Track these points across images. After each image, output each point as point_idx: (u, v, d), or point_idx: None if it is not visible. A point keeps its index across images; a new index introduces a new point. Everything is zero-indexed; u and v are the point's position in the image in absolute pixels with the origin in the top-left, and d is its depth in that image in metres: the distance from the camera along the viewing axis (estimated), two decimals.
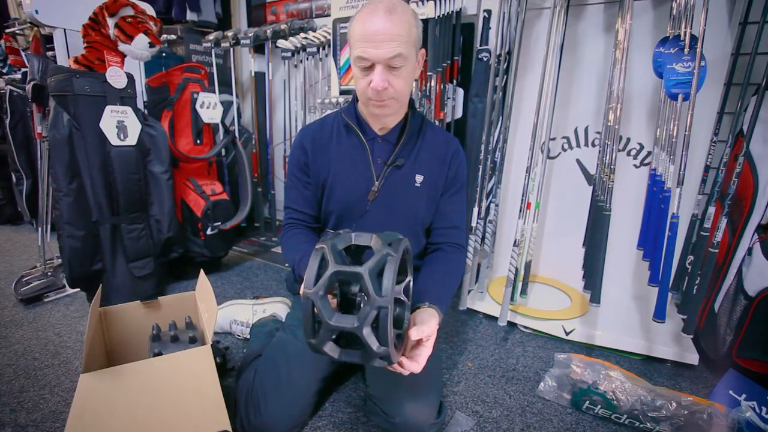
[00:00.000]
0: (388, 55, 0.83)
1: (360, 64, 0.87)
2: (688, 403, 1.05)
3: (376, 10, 0.83)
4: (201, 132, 2.00)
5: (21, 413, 1.09)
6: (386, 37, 0.82)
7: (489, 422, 1.11)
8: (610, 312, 1.54)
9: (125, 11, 1.53)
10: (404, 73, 0.87)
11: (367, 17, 0.84)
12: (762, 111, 1.23)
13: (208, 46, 2.34)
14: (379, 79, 0.84)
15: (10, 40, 2.33)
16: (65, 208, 1.48)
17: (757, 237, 1.27)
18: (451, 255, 1.02)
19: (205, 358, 0.93)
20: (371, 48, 0.83)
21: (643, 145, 1.57)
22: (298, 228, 1.07)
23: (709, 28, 1.19)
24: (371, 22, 0.83)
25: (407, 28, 0.84)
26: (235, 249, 2.38)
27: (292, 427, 1.02)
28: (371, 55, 0.83)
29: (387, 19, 0.82)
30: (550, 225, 1.82)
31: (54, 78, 1.45)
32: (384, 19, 0.82)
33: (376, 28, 0.82)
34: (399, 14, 0.83)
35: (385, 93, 0.87)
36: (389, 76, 0.86)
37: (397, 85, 0.87)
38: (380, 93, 0.87)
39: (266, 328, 1.35)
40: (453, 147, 1.04)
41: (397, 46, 0.83)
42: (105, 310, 1.15)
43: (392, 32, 0.82)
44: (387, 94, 0.88)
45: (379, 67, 0.84)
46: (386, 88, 0.86)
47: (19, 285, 1.76)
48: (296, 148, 1.05)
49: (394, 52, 0.83)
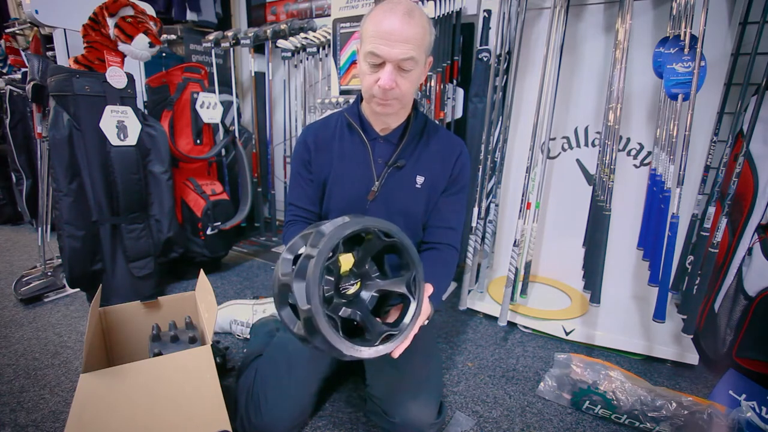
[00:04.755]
0: (400, 56, 0.83)
1: (370, 60, 0.86)
2: (688, 403, 1.05)
3: (395, 10, 0.83)
4: (201, 132, 2.00)
5: (21, 413, 1.09)
6: (401, 38, 0.82)
7: (489, 422, 1.11)
8: (610, 312, 1.55)
9: (125, 11, 1.53)
10: (412, 76, 0.88)
11: (385, 15, 0.84)
12: (762, 111, 1.23)
13: (208, 46, 2.34)
14: (388, 78, 0.84)
15: (10, 40, 2.33)
16: (65, 208, 1.48)
17: (757, 237, 1.27)
18: (445, 254, 1.02)
19: (205, 358, 0.93)
20: (385, 46, 0.83)
21: (643, 145, 1.57)
22: (301, 224, 1.06)
23: (709, 28, 1.19)
24: (389, 20, 0.83)
25: (422, 33, 0.85)
26: (235, 249, 2.38)
27: (292, 426, 1.02)
28: (384, 53, 0.83)
29: (405, 21, 0.82)
30: (550, 225, 1.82)
31: (54, 78, 1.45)
32: (402, 20, 0.82)
33: (393, 28, 0.82)
34: (417, 19, 0.84)
35: (390, 93, 0.87)
36: (397, 77, 0.86)
37: (404, 87, 0.88)
38: (386, 92, 0.87)
39: (267, 327, 1.35)
40: (457, 150, 1.03)
41: (410, 49, 0.83)
42: (105, 310, 1.15)
43: (408, 35, 0.82)
44: (392, 94, 0.88)
45: (389, 66, 0.84)
46: (393, 88, 0.86)
47: (19, 285, 1.76)
48: (299, 145, 1.05)
49: (407, 55, 0.83)
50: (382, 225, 0.71)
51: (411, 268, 0.74)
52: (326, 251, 0.63)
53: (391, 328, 0.72)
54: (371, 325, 0.71)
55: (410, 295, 0.75)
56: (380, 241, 0.71)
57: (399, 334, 0.72)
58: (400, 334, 0.72)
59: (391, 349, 0.71)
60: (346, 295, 0.74)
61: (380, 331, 0.71)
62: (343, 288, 0.74)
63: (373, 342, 0.69)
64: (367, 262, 0.76)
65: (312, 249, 0.64)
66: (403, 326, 0.73)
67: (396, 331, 0.72)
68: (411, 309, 0.74)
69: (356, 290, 0.75)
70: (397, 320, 0.75)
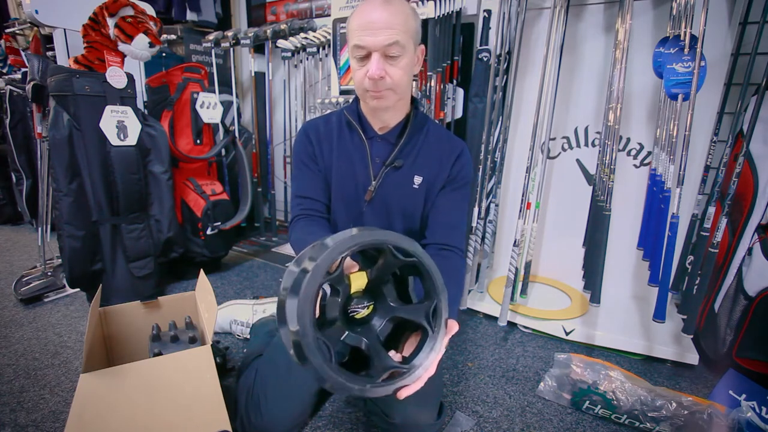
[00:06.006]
0: (384, 42, 0.83)
1: (357, 54, 0.86)
2: (688, 403, 1.05)
3: (373, 1, 0.85)
4: (201, 132, 2.00)
5: (21, 413, 1.09)
6: (383, 25, 0.82)
7: (489, 422, 1.11)
8: (610, 312, 1.55)
9: (125, 11, 1.53)
10: (402, 63, 0.87)
11: (364, 9, 0.85)
12: (762, 111, 1.23)
13: (208, 46, 2.34)
14: (376, 67, 0.84)
15: (10, 40, 2.33)
16: (65, 208, 1.48)
17: (757, 237, 1.27)
18: (452, 261, 0.95)
19: (205, 358, 0.93)
20: (368, 36, 0.83)
21: (643, 145, 1.57)
22: (310, 219, 1.01)
23: (709, 28, 1.19)
24: (368, 11, 0.84)
25: (404, 17, 0.85)
26: (235, 249, 2.38)
27: (292, 427, 1.02)
28: (368, 42, 0.83)
29: (383, 9, 0.83)
30: (550, 225, 1.82)
31: (54, 78, 1.45)
32: (381, 8, 0.83)
33: (373, 17, 0.83)
34: (396, 5, 0.84)
35: (381, 83, 0.86)
36: (386, 65, 0.85)
37: (395, 75, 0.87)
38: (377, 83, 0.86)
39: (267, 327, 1.35)
40: (457, 150, 1.00)
41: (394, 34, 0.83)
42: (105, 310, 1.15)
43: (389, 21, 0.83)
44: (384, 84, 0.87)
45: (375, 55, 0.84)
46: (383, 77, 0.85)
47: (19, 285, 1.76)
48: (301, 139, 1.02)
49: (391, 40, 0.83)
50: (398, 241, 0.60)
51: (432, 296, 0.64)
52: (324, 266, 0.55)
53: (399, 365, 0.61)
54: (377, 358, 0.61)
55: (429, 327, 0.63)
56: (395, 259, 0.61)
57: (407, 373, 0.60)
58: (409, 373, 0.60)
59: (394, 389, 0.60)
60: (354, 319, 0.64)
61: (387, 366, 0.60)
62: (352, 311, 0.64)
63: (375, 378, 0.59)
64: (384, 284, 0.66)
65: (310, 263, 0.55)
66: (415, 365, 0.61)
67: (405, 369, 0.60)
68: (427, 345, 0.63)
69: (367, 314, 0.65)
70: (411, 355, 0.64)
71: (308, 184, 1.01)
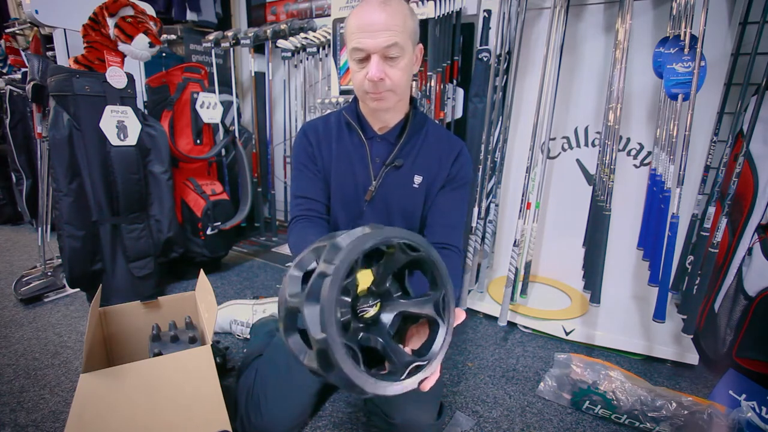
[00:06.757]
0: (383, 44, 0.83)
1: (356, 56, 0.86)
2: (688, 403, 1.05)
3: (371, 2, 0.84)
4: (201, 132, 2.00)
5: (21, 413, 1.09)
6: (382, 27, 0.82)
7: (489, 422, 1.11)
8: (610, 312, 1.55)
9: (125, 11, 1.53)
10: (401, 64, 0.87)
11: (362, 10, 0.85)
12: (762, 111, 1.23)
13: (208, 46, 2.34)
14: (376, 69, 0.84)
15: (10, 40, 2.33)
16: (65, 208, 1.48)
17: (757, 237, 1.27)
18: (451, 260, 0.95)
19: (205, 358, 0.93)
20: (367, 38, 0.83)
21: (643, 145, 1.57)
22: (309, 221, 1.00)
23: (709, 28, 1.19)
24: (366, 13, 0.83)
25: (402, 18, 0.84)
26: (235, 249, 2.38)
27: (292, 426, 1.02)
28: (367, 45, 0.83)
29: (381, 10, 0.83)
30: (550, 225, 1.82)
31: (54, 78, 1.45)
32: (379, 10, 0.83)
33: (372, 19, 0.82)
34: (393, 6, 0.84)
35: (381, 84, 0.86)
36: (385, 67, 0.85)
37: (395, 77, 0.86)
38: (377, 84, 0.86)
39: (267, 327, 1.35)
40: (456, 149, 1.01)
41: (393, 36, 0.83)
42: (105, 310, 1.15)
43: (387, 22, 0.82)
44: (384, 86, 0.87)
45: (375, 57, 0.84)
46: (383, 79, 0.85)
47: (19, 285, 1.76)
48: (300, 139, 1.03)
49: (390, 41, 0.83)
50: (407, 236, 0.61)
51: (439, 287, 0.64)
52: (345, 268, 0.53)
53: (418, 358, 0.61)
54: (395, 355, 0.60)
55: (440, 318, 0.64)
56: (404, 255, 0.61)
57: (428, 365, 0.61)
58: (429, 364, 0.61)
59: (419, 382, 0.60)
60: (363, 318, 0.63)
61: (406, 361, 0.60)
62: (361, 310, 0.63)
63: (398, 375, 0.58)
64: (388, 280, 0.65)
65: (327, 266, 0.53)
66: (432, 355, 0.62)
67: (424, 361, 0.61)
68: (440, 335, 0.64)
69: (375, 312, 0.64)
70: (423, 347, 0.64)
71: (308, 184, 1.01)
